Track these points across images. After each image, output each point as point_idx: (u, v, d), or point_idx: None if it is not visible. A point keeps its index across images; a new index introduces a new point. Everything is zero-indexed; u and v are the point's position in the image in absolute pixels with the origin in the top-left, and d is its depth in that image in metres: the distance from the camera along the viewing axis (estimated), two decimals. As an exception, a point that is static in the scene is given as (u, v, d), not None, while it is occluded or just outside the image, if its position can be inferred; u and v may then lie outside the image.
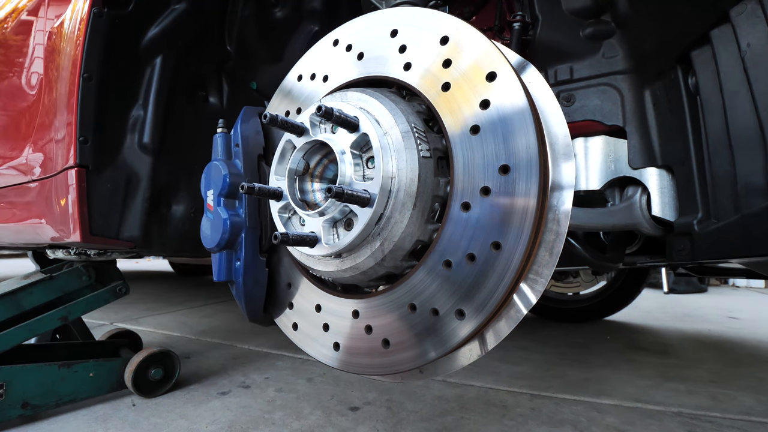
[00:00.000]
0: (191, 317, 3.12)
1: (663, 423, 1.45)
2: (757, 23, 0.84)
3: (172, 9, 1.25)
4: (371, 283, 0.79)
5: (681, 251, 1.00)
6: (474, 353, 0.74)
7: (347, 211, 0.71)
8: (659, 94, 1.03)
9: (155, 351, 1.63)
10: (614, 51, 1.09)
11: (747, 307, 4.12)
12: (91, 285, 1.73)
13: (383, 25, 0.81)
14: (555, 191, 0.68)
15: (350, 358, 0.79)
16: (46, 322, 1.55)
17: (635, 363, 2.14)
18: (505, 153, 0.64)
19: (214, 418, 1.43)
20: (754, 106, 0.85)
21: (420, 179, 0.68)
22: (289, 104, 0.95)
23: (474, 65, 0.68)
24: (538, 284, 0.68)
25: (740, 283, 6.01)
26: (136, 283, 5.02)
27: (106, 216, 1.19)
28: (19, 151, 1.42)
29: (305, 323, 0.88)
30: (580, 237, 1.29)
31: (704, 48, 0.93)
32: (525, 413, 1.50)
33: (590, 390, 1.74)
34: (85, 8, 1.13)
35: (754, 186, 0.86)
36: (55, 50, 1.25)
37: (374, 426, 1.38)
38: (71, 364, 1.50)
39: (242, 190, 0.74)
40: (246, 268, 0.92)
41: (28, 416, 1.42)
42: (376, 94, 0.75)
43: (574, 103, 1.12)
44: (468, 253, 0.65)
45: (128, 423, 1.40)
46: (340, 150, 0.71)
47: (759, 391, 1.77)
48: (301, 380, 1.80)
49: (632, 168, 1.06)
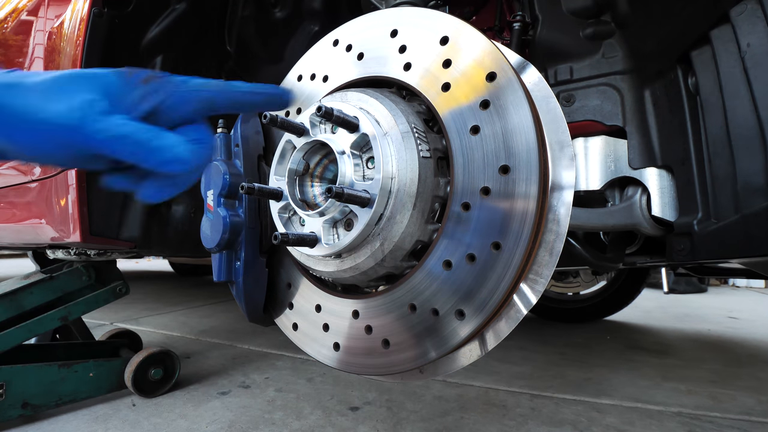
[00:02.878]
0: (191, 317, 3.12)
1: (663, 423, 1.45)
2: (757, 23, 0.84)
3: (173, 9, 1.25)
4: (371, 284, 0.79)
5: (681, 251, 1.00)
6: (474, 353, 0.74)
7: (347, 211, 0.71)
8: (659, 94, 1.03)
9: (155, 351, 1.63)
10: (614, 51, 1.09)
11: (747, 307, 4.12)
12: (91, 285, 1.73)
13: (383, 25, 0.81)
14: (555, 191, 0.68)
15: (350, 358, 0.79)
16: (46, 322, 1.55)
17: (635, 363, 2.14)
18: (505, 153, 0.64)
19: (214, 418, 1.43)
20: (754, 106, 0.85)
21: (420, 179, 0.68)
22: (289, 104, 0.95)
23: (474, 65, 0.68)
24: (538, 284, 0.68)
25: (740, 283, 6.02)
26: (136, 283, 5.02)
27: (106, 216, 1.19)
28: (19, 151, 1.42)
29: (305, 323, 0.88)
30: (580, 237, 1.29)
31: (704, 48, 0.93)
32: (525, 413, 1.50)
33: (590, 390, 1.74)
34: (85, 8, 1.13)
35: (754, 186, 0.86)
36: (55, 50, 1.25)
37: (374, 426, 1.38)
38: (71, 364, 1.50)
39: (242, 191, 0.74)
40: (246, 268, 0.92)
41: (28, 416, 1.42)
42: (376, 94, 0.75)
43: (574, 103, 1.12)
44: (468, 254, 0.65)
45: (128, 423, 1.40)
46: (340, 150, 0.71)
47: (759, 391, 1.77)
48: (301, 380, 1.80)
49: (632, 168, 1.06)
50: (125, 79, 0.49)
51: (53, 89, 0.47)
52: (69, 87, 0.47)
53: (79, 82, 0.48)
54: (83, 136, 0.45)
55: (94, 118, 0.46)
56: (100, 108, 0.46)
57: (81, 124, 0.45)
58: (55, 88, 0.47)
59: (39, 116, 0.46)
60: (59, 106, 0.46)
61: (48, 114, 0.45)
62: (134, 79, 0.49)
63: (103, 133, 0.45)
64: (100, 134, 0.45)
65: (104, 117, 0.46)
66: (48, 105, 0.46)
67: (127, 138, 0.46)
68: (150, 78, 0.50)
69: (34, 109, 0.46)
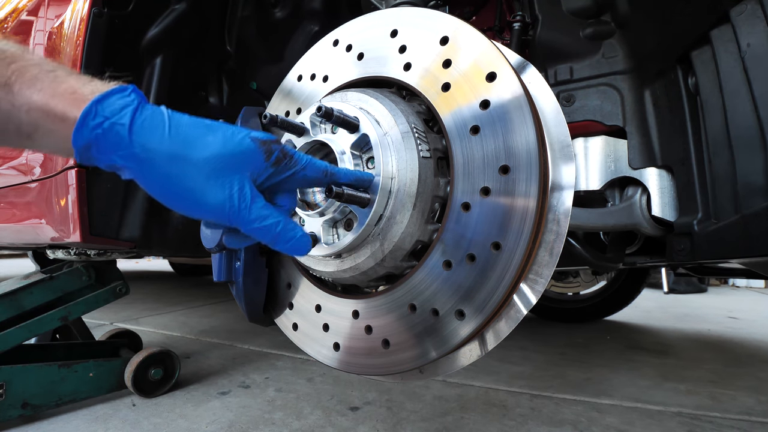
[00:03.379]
0: (191, 317, 3.12)
1: (663, 423, 1.45)
2: (757, 23, 0.84)
3: (172, 9, 1.25)
4: (371, 284, 0.79)
5: (681, 251, 1.00)
6: (474, 353, 0.74)
7: (347, 211, 0.71)
8: (659, 94, 1.03)
9: (155, 351, 1.63)
10: (614, 51, 1.09)
11: (747, 307, 4.12)
12: (91, 285, 1.73)
13: (383, 26, 0.81)
14: (555, 191, 0.68)
15: (350, 358, 0.79)
16: (46, 322, 1.55)
17: (635, 363, 2.14)
18: (505, 153, 0.64)
19: (214, 418, 1.43)
20: (754, 106, 0.85)
21: (420, 179, 0.68)
22: (289, 104, 0.95)
23: (474, 65, 0.68)
24: (538, 284, 0.68)
25: (740, 283, 6.01)
26: (136, 283, 5.02)
27: (106, 216, 1.19)
28: (19, 151, 1.42)
29: (305, 323, 0.88)
30: (580, 237, 1.29)
31: (704, 48, 0.93)
32: (525, 413, 1.50)
33: (590, 390, 1.74)
34: (85, 8, 1.13)
35: (754, 186, 0.86)
36: (55, 50, 1.25)
37: (374, 426, 1.38)
38: (71, 364, 1.50)
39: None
40: (246, 268, 0.92)
41: (28, 416, 1.42)
42: (376, 94, 0.75)
43: (574, 103, 1.12)
44: (468, 254, 0.65)
45: (128, 423, 1.40)
46: (340, 150, 0.71)
47: (759, 391, 1.77)
48: (301, 380, 1.80)
49: (632, 168, 1.06)
50: (264, 158, 0.56)
51: (214, 172, 0.52)
52: (226, 171, 0.53)
53: (235, 166, 0.53)
54: (233, 220, 0.53)
55: (245, 207, 0.53)
56: (251, 195, 0.54)
57: (234, 211, 0.53)
58: (216, 170, 0.52)
59: (200, 198, 0.52)
60: (218, 193, 0.52)
61: (209, 198, 0.52)
62: (272, 159, 0.56)
63: (252, 224, 0.54)
64: (251, 223, 0.54)
65: (253, 205, 0.54)
66: (209, 188, 0.52)
67: (269, 227, 0.55)
68: (281, 159, 0.57)
69: (197, 192, 0.52)
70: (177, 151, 0.51)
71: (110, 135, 0.49)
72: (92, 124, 0.49)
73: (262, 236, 0.55)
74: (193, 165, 0.51)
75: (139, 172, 0.51)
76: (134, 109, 0.51)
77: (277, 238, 0.56)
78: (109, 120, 0.49)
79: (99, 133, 0.49)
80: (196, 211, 0.54)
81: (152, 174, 0.51)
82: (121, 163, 0.51)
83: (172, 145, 0.51)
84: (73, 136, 0.49)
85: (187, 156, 0.51)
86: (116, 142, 0.50)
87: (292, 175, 0.59)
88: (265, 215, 0.54)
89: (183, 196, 0.52)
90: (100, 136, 0.49)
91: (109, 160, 0.51)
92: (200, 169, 0.52)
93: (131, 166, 0.51)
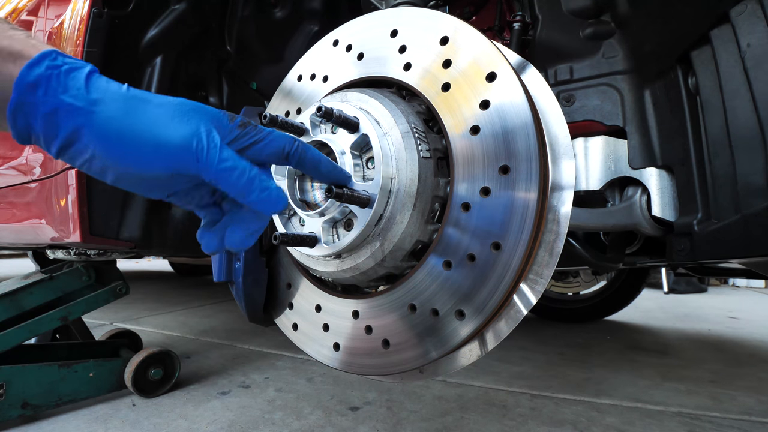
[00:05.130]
0: (191, 317, 3.12)
1: (663, 423, 1.45)
2: (757, 23, 0.84)
3: (172, 9, 1.25)
4: (371, 284, 0.79)
5: (681, 251, 1.00)
6: (474, 353, 0.74)
7: (347, 211, 0.71)
8: (659, 94, 1.03)
9: (155, 351, 1.63)
10: (614, 51, 1.09)
11: (747, 307, 4.12)
12: (91, 285, 1.73)
13: (383, 26, 0.81)
14: (555, 191, 0.68)
15: (350, 358, 0.79)
16: (46, 323, 1.55)
17: (635, 363, 2.14)
18: (505, 153, 0.64)
19: (214, 418, 1.43)
20: (754, 106, 0.85)
21: (420, 180, 0.68)
22: (289, 104, 0.95)
23: (474, 65, 0.68)
24: (538, 284, 0.68)
25: (740, 283, 6.02)
26: (136, 283, 5.02)
27: (106, 216, 1.19)
28: (19, 151, 1.42)
29: (305, 323, 0.88)
30: (580, 237, 1.29)
31: (704, 48, 0.93)
32: (525, 413, 1.50)
33: (590, 390, 1.74)
34: (85, 8, 1.13)
35: (754, 186, 0.86)
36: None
37: (374, 426, 1.38)
38: (71, 364, 1.50)
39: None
40: (246, 268, 0.92)
41: (28, 416, 1.42)
42: (376, 94, 0.75)
43: (574, 103, 1.12)
44: (468, 254, 0.65)
45: (128, 423, 1.40)
46: (340, 150, 0.71)
47: (759, 391, 1.77)
48: (301, 380, 1.80)
49: (632, 168, 1.06)
50: (228, 119, 0.52)
51: (178, 112, 0.48)
52: (191, 114, 0.49)
53: (200, 112, 0.50)
54: (200, 162, 0.48)
55: (214, 147, 0.48)
56: (218, 140, 0.49)
57: (201, 150, 0.48)
58: (180, 111, 0.48)
59: (163, 134, 0.47)
60: (183, 129, 0.47)
61: (172, 134, 0.47)
62: (237, 122, 0.53)
63: (223, 163, 0.48)
64: (220, 163, 0.48)
65: (222, 148, 0.49)
66: (173, 125, 0.47)
67: (240, 171, 0.49)
68: (246, 123, 0.54)
69: (159, 127, 0.47)
70: (137, 94, 0.48)
71: (65, 77, 0.45)
72: (50, 64, 0.44)
73: (232, 182, 0.49)
74: (156, 105, 0.48)
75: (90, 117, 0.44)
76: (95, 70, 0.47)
77: (248, 187, 0.50)
78: (68, 65, 0.45)
79: (53, 73, 0.44)
80: (156, 155, 0.46)
81: (106, 113, 0.45)
82: (68, 101, 0.44)
83: (132, 91, 0.48)
84: (22, 71, 0.44)
85: (147, 98, 0.48)
86: (70, 84, 0.44)
87: (259, 142, 0.54)
88: (235, 158, 0.50)
89: (142, 136, 0.46)
90: (53, 75, 0.44)
91: (54, 102, 0.44)
92: (164, 107, 0.48)
93: (81, 106, 0.44)
